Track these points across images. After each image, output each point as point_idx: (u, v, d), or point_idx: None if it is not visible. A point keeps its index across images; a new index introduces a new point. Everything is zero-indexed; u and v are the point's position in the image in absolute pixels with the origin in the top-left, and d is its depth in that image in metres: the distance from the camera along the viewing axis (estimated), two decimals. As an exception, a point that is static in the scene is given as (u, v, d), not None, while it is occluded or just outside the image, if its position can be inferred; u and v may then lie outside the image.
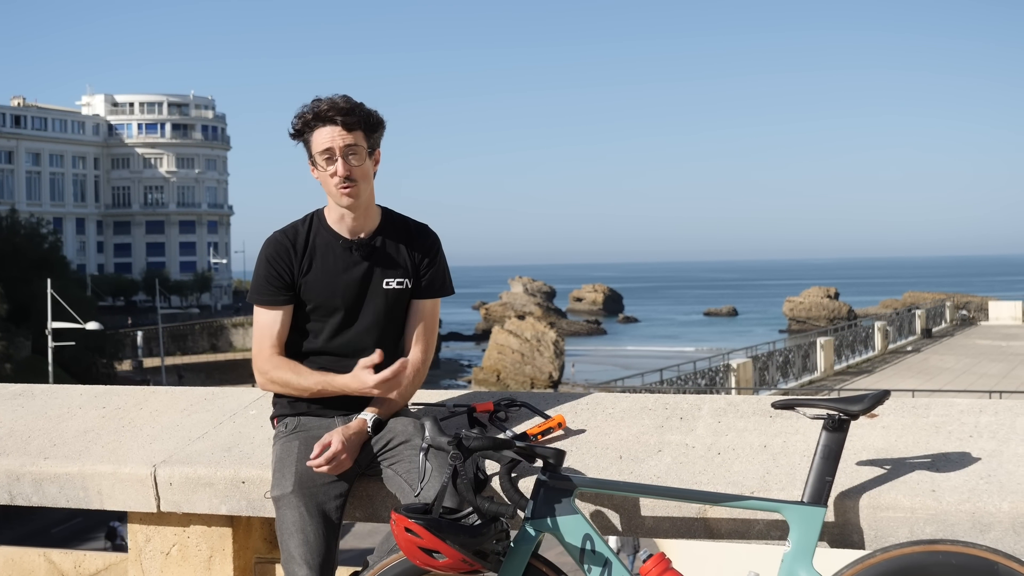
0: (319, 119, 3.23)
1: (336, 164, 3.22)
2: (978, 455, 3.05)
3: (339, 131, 3.22)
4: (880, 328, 38.00)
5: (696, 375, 28.28)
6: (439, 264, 3.39)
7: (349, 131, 3.22)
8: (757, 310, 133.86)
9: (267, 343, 3.29)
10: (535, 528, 2.79)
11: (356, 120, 3.23)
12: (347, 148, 3.22)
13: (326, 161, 3.23)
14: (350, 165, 3.22)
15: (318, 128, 3.24)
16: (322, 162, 3.24)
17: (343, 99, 3.25)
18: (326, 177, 3.25)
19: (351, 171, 3.22)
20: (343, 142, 3.22)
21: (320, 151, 3.23)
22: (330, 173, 3.23)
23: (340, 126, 3.22)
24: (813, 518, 2.76)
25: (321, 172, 3.26)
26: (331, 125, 3.22)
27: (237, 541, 3.63)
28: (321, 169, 3.25)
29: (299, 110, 3.27)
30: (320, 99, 3.26)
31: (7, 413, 4.11)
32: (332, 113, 3.22)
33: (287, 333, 3.31)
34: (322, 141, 3.23)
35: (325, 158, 3.23)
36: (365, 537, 17.95)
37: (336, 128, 3.22)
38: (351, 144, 3.23)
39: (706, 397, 3.64)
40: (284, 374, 3.26)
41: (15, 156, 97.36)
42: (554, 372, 62.41)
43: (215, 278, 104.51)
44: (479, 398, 3.62)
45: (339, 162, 3.21)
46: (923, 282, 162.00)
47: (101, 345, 55.69)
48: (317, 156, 3.24)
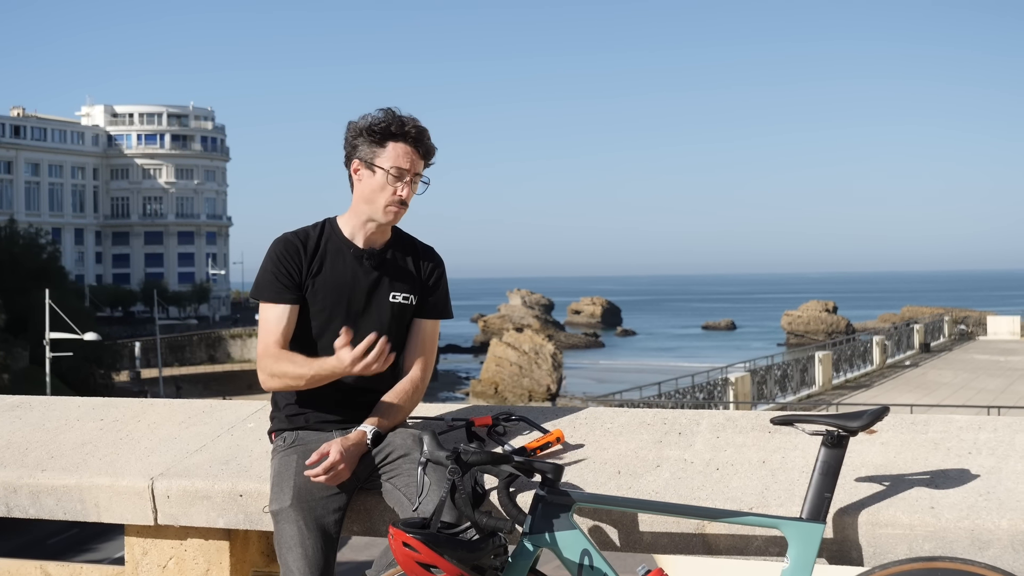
0: (404, 135, 3.25)
1: (402, 184, 3.25)
2: (977, 472, 3.05)
3: (416, 155, 3.27)
4: (878, 342, 38.02)
5: (694, 389, 28.26)
6: (442, 287, 3.42)
7: (422, 158, 3.29)
8: (755, 324, 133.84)
9: (271, 339, 3.26)
10: (533, 543, 2.79)
11: (428, 150, 3.30)
12: (416, 174, 3.28)
13: (395, 178, 3.25)
14: (413, 191, 3.28)
15: (398, 142, 3.25)
16: (391, 177, 3.24)
17: (423, 126, 3.29)
18: (383, 191, 3.25)
19: (408, 196, 3.27)
20: (416, 168, 3.27)
21: (395, 166, 3.24)
22: (392, 191, 3.25)
23: (418, 150, 3.27)
24: (812, 534, 2.76)
25: (379, 184, 3.25)
26: (411, 146, 3.26)
27: (234, 555, 3.62)
28: (387, 182, 3.25)
29: (377, 114, 3.27)
30: (397, 113, 3.26)
31: (4, 424, 4.10)
32: (415, 134, 3.26)
33: (292, 332, 3.28)
34: (400, 158, 3.25)
35: (396, 175, 3.24)
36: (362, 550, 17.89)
37: (415, 152, 3.26)
38: (420, 173, 3.29)
39: (705, 412, 3.64)
40: (283, 365, 3.22)
41: (14, 166, 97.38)
42: (552, 385, 62.34)
43: (213, 289, 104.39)
44: (477, 412, 3.62)
45: (407, 186, 3.26)
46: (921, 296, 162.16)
47: (99, 356, 55.61)
48: (388, 169, 3.24)
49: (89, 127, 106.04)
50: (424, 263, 3.39)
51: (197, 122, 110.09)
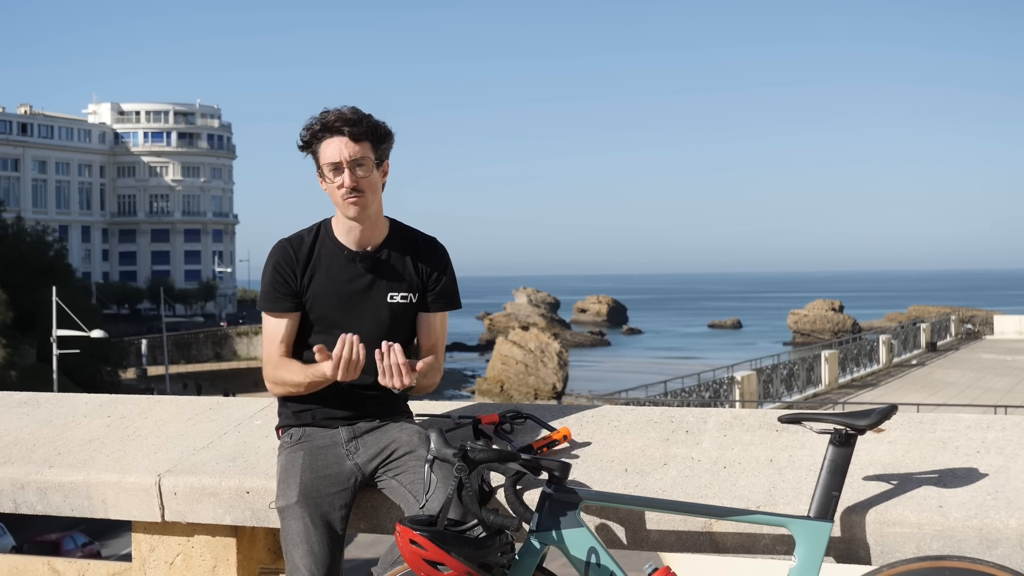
0: (326, 130, 3.22)
1: (343, 176, 3.21)
2: (985, 471, 3.04)
3: (346, 142, 3.21)
4: (885, 341, 37.96)
5: (700, 387, 28.26)
6: (447, 278, 3.38)
7: (356, 142, 3.21)
8: (761, 323, 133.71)
9: (274, 348, 3.29)
10: (540, 541, 2.79)
11: (363, 131, 3.22)
12: (354, 160, 3.21)
13: (333, 172, 3.22)
14: (357, 176, 3.21)
15: (325, 139, 3.23)
16: (329, 173, 3.23)
17: (351, 110, 3.24)
18: (333, 189, 3.24)
19: (358, 182, 3.21)
20: (349, 154, 3.21)
21: (327, 162, 3.22)
22: (337, 185, 3.22)
23: (347, 137, 3.21)
24: (819, 533, 2.75)
25: (328, 184, 3.25)
26: (338, 136, 3.21)
27: (241, 551, 3.62)
28: (329, 181, 3.24)
29: (307, 122, 3.26)
30: (328, 110, 3.25)
31: (12, 421, 4.11)
32: (339, 124, 3.21)
33: (293, 339, 3.29)
34: (329, 153, 3.22)
35: (332, 169, 3.22)
36: (367, 547, 17.92)
37: (343, 139, 3.21)
38: (358, 156, 3.22)
39: (712, 410, 3.63)
40: (281, 373, 3.26)
41: (21, 164, 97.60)
42: (558, 383, 62.37)
43: (220, 287, 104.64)
44: (484, 410, 3.61)
45: (346, 173, 3.20)
46: (928, 296, 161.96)
47: (105, 353, 55.82)
48: (324, 167, 3.23)
49: (96, 125, 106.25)
50: (425, 258, 3.35)
51: (204, 120, 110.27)
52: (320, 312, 3.28)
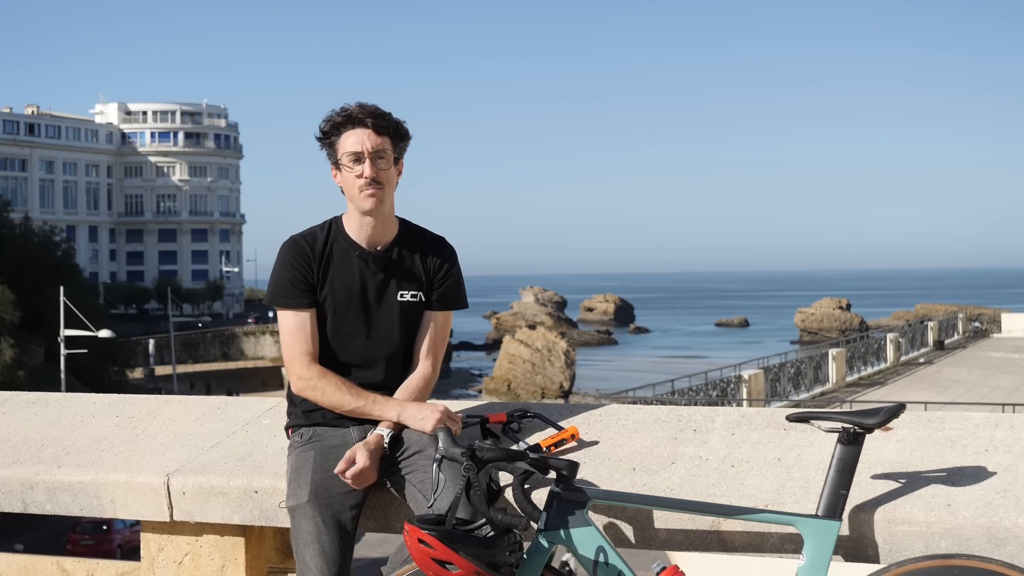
0: (349, 121, 3.24)
1: (363, 166, 3.22)
2: (994, 469, 3.03)
3: (369, 133, 3.23)
4: (892, 340, 37.91)
5: (707, 386, 28.23)
6: (453, 277, 3.38)
7: (379, 135, 3.24)
8: (768, 321, 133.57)
9: (301, 348, 3.26)
10: (548, 540, 2.79)
11: (386, 125, 3.26)
12: (375, 151, 3.23)
13: (354, 162, 3.23)
14: (377, 168, 3.23)
15: (347, 130, 3.25)
16: (349, 163, 3.24)
17: (373, 106, 3.27)
18: (351, 179, 3.24)
19: (377, 174, 3.23)
20: (372, 145, 3.23)
21: (348, 151, 3.23)
22: (356, 174, 3.23)
23: (371, 129, 3.23)
24: (828, 532, 2.75)
25: (346, 174, 3.26)
26: (361, 127, 3.24)
27: (250, 551, 3.63)
28: (347, 170, 3.25)
29: (328, 114, 3.28)
30: (349, 105, 3.27)
31: (21, 421, 4.12)
32: (363, 116, 3.24)
33: (318, 338, 3.28)
34: (351, 143, 3.23)
35: (352, 159, 3.23)
36: (375, 547, 17.94)
37: (366, 131, 3.23)
38: (380, 148, 3.24)
39: (720, 409, 3.63)
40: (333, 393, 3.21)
41: (28, 164, 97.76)
42: (565, 382, 62.35)
43: (227, 287, 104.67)
44: (492, 409, 3.61)
45: (367, 163, 3.22)
46: (935, 294, 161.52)
47: (113, 353, 55.82)
48: (344, 157, 3.24)
49: (103, 125, 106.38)
50: (433, 256, 3.36)
51: (210, 120, 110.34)
52: (334, 308, 3.28)
